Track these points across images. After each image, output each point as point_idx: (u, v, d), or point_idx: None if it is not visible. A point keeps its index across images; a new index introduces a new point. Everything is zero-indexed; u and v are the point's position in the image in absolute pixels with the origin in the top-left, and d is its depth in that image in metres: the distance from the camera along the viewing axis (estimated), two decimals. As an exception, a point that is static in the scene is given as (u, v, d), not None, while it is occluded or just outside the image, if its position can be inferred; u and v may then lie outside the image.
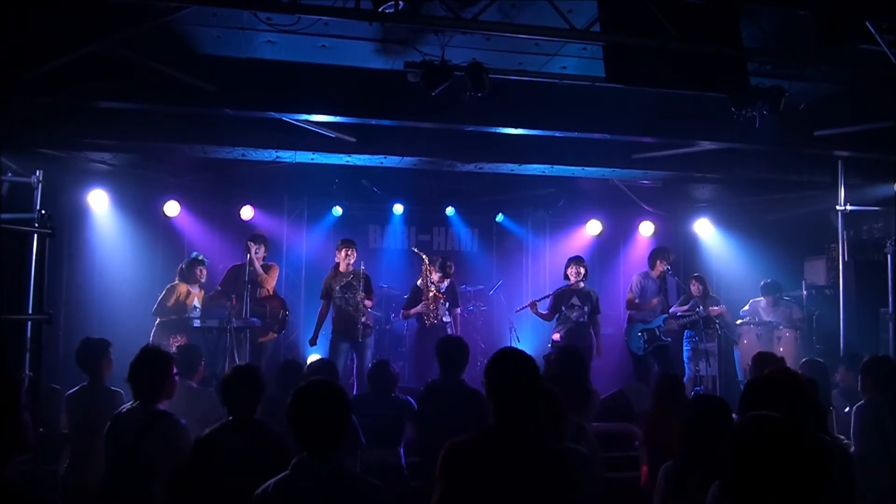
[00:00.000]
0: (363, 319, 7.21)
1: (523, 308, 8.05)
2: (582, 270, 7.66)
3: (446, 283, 7.69)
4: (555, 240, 10.74)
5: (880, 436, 4.16)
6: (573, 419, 4.00)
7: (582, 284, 7.68)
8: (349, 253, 7.29)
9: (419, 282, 7.75)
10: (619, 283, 10.24)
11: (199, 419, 4.30)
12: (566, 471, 2.55)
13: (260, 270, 7.37)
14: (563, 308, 7.65)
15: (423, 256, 7.86)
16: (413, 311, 7.64)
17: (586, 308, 7.62)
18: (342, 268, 7.34)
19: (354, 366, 7.33)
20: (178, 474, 3.25)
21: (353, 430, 4.23)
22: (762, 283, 8.44)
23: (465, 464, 2.51)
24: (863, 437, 4.24)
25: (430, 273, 7.63)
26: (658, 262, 8.03)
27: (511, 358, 2.69)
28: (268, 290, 7.56)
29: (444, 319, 7.63)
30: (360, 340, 7.18)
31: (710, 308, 7.77)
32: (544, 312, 7.82)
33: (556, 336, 7.65)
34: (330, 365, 4.99)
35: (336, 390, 2.60)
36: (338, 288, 7.29)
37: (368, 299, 7.35)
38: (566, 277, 7.75)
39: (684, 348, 8.17)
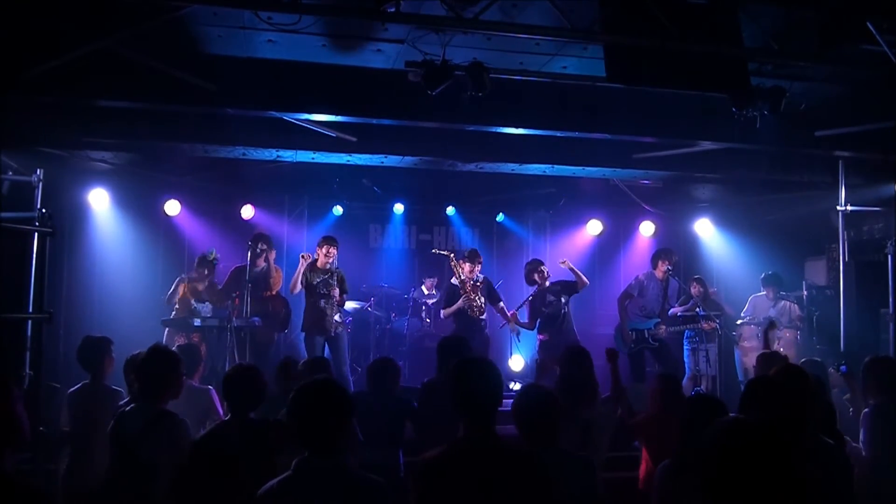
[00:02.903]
0: (336, 317, 7.22)
1: (504, 325, 8.00)
2: (543, 269, 7.70)
3: (480, 275, 7.71)
4: (555, 239, 10.75)
5: (891, 441, 4.03)
6: (582, 414, 4.00)
7: (547, 283, 7.69)
8: (330, 251, 7.23)
9: (453, 279, 7.79)
10: (619, 283, 10.20)
11: (198, 418, 4.32)
12: (539, 477, 2.55)
13: (274, 273, 7.46)
14: (544, 309, 7.63)
15: (448, 253, 7.95)
16: (454, 307, 7.61)
17: (563, 298, 7.63)
18: (320, 263, 7.26)
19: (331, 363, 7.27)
20: (179, 473, 3.26)
21: (353, 428, 4.22)
22: (763, 274, 8.45)
23: (437, 479, 2.50)
24: (873, 444, 4.12)
25: (461, 267, 7.67)
26: (660, 262, 8.02)
27: (476, 369, 2.69)
28: (272, 291, 7.58)
29: (482, 316, 7.63)
30: (333, 334, 7.18)
31: (704, 323, 7.79)
32: (525, 322, 7.81)
33: (544, 337, 7.63)
34: (326, 363, 4.98)
35: (338, 389, 2.58)
36: (315, 283, 7.23)
37: (342, 297, 7.37)
38: (533, 283, 7.74)
39: (684, 348, 8.17)
